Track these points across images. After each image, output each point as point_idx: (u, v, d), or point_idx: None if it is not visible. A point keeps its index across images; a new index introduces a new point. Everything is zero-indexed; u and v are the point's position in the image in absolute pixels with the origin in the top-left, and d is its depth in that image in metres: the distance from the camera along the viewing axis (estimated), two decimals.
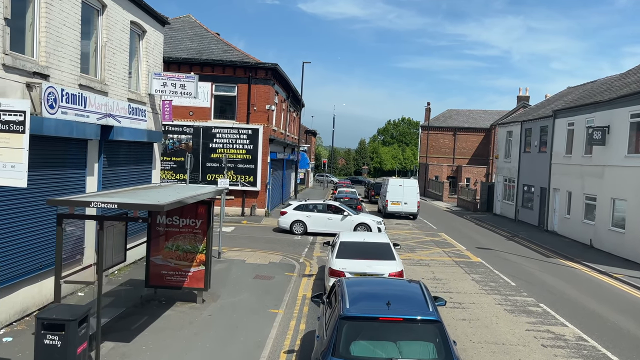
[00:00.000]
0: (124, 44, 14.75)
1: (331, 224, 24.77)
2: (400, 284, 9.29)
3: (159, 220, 12.55)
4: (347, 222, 24.73)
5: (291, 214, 25.43)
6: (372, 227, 24.58)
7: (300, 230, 25.09)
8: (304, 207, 25.71)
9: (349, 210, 25.45)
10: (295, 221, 25.16)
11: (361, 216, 25.45)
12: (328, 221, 24.92)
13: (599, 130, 24.02)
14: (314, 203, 26.16)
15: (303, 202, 26.24)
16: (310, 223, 25.04)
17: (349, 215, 24.95)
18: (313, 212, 25.35)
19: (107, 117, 13.15)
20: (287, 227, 25.22)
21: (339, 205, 26.01)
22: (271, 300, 13.57)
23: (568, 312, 14.08)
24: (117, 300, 12.36)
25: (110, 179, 14.22)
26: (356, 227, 24.58)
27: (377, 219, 25.54)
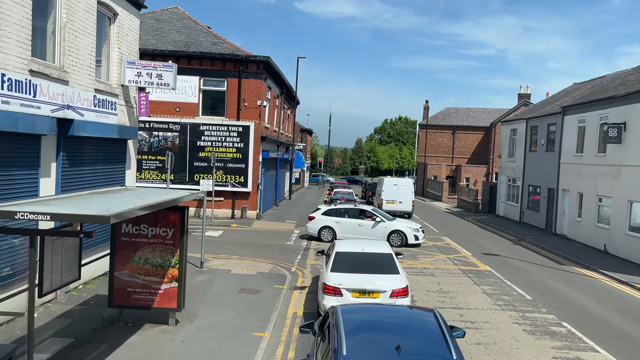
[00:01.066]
0: (89, 26, 12.93)
1: (362, 231, 22.66)
2: (411, 315, 7.50)
3: (124, 229, 10.74)
4: (379, 229, 22.69)
5: (319, 220, 23.37)
6: (408, 235, 22.59)
7: (329, 237, 22.93)
8: (333, 211, 23.67)
9: (382, 216, 23.28)
10: (323, 227, 23.12)
11: (396, 222, 23.21)
12: (359, 228, 22.79)
13: (615, 127, 22.31)
14: (345, 207, 24.19)
15: (333, 207, 24.30)
16: (340, 229, 22.92)
17: (382, 222, 22.85)
18: (343, 217, 23.27)
19: (65, 109, 11.33)
20: (314, 233, 23.22)
21: (372, 210, 23.82)
22: (257, 320, 11.78)
23: (596, 332, 12.33)
24: (73, 324, 10.56)
25: (72, 180, 12.40)
26: (390, 234, 22.51)
27: (413, 225, 23.35)
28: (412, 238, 22.55)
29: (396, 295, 11.31)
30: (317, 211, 24.01)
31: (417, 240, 22.64)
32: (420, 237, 22.76)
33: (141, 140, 28.19)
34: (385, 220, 22.92)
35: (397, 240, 22.48)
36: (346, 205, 25.49)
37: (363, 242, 14.17)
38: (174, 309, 10.87)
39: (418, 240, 22.67)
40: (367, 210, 23.63)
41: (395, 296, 11.32)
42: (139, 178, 28.05)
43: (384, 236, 22.28)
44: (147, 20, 31.85)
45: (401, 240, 22.55)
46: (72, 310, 11.36)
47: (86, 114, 12.30)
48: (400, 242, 22.47)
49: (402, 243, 22.46)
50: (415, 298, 14.20)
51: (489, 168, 58.71)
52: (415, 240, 22.62)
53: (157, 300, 10.83)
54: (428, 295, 14.82)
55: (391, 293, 11.31)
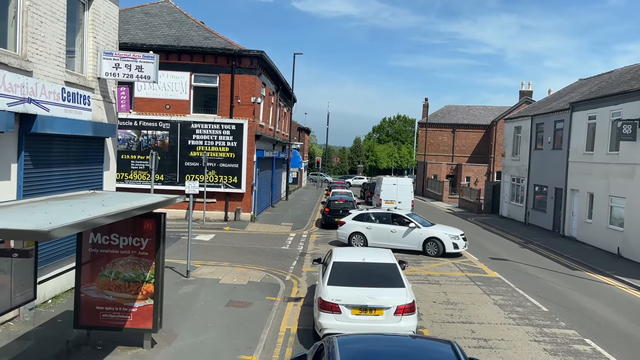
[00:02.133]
0: (58, 10, 11.59)
1: (394, 238, 20.86)
2: (424, 351, 6.17)
3: (92, 239, 9.42)
4: (413, 236, 20.74)
5: (350, 225, 21.72)
6: (446, 243, 20.42)
7: (359, 244, 21.26)
8: (364, 216, 21.98)
9: (417, 221, 21.25)
10: (353, 233, 21.44)
11: (432, 229, 20.98)
12: (391, 234, 20.98)
13: (629, 124, 21.02)
14: (376, 212, 22.43)
15: (364, 211, 22.60)
16: (371, 236, 21.22)
17: (416, 227, 20.86)
18: (374, 222, 21.56)
19: (25, 103, 9.99)
20: (345, 240, 21.56)
21: (406, 215, 21.75)
22: (244, 340, 10.47)
23: (624, 351, 11.06)
24: (33, 348, 9.24)
25: (38, 184, 11.07)
26: (426, 242, 20.56)
27: (453, 232, 21.13)
28: (451, 246, 20.37)
29: (401, 312, 10.02)
30: (348, 216, 22.43)
31: (456, 249, 20.43)
32: (460, 245, 20.60)
33: (129, 139, 26.88)
34: (421, 226, 20.92)
35: (433, 249, 20.45)
36: (378, 209, 23.51)
37: (364, 251, 12.89)
38: (150, 330, 9.55)
39: (458, 248, 20.45)
40: (401, 215, 21.67)
41: (401, 313, 10.02)
42: (127, 179, 26.77)
43: (418, 244, 20.54)
44: (137, 13, 30.54)
45: (437, 249, 20.39)
46: (35, 331, 10.03)
47: (53, 109, 10.97)
48: (436, 251, 20.39)
49: (438, 252, 20.38)
50: (421, 311, 12.90)
51: (490, 167, 57.46)
52: (455, 249, 20.41)
53: (130, 320, 9.50)
54: (434, 308, 13.52)
55: (396, 310, 10.01)
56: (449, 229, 21.54)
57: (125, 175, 26.73)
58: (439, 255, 20.15)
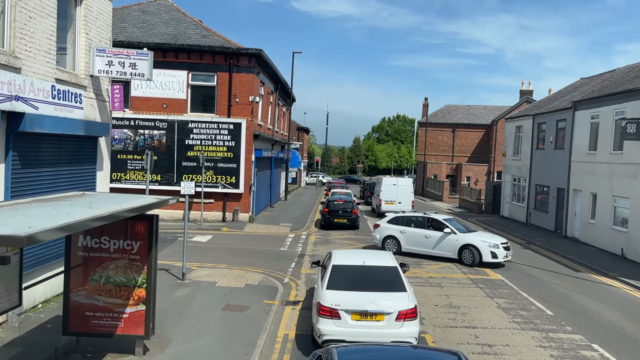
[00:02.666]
0: (49, 6, 11.22)
1: (429, 244, 19.65)
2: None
3: (82, 242, 9.05)
4: (448, 243, 19.28)
5: (384, 228, 20.70)
6: (483, 251, 18.62)
7: (393, 248, 20.10)
8: (399, 220, 20.74)
9: (453, 227, 19.65)
10: (387, 237, 20.44)
11: (469, 236, 19.32)
12: (425, 240, 19.72)
13: (633, 123, 20.64)
14: (412, 215, 21.03)
15: (400, 214, 21.35)
16: (404, 240, 20.15)
17: (451, 234, 19.31)
18: (409, 226, 20.32)
19: (12, 101, 9.63)
20: (379, 243, 20.55)
21: (442, 219, 20.10)
22: (241, 346, 10.11)
23: (633, 357, 10.70)
24: (20, 356, 8.86)
25: (27, 184, 10.71)
26: (461, 249, 18.98)
27: (492, 239, 19.31)
28: (488, 255, 18.56)
29: (403, 318, 9.66)
30: (383, 219, 21.36)
31: (495, 259, 18.61)
32: (500, 254, 18.70)
33: (126, 138, 26.52)
34: (457, 232, 19.35)
35: (469, 258, 18.80)
36: (414, 212, 21.94)
37: (364, 253, 12.52)
38: (141, 337, 9.18)
39: (497, 258, 18.60)
40: (437, 220, 20.11)
41: (402, 318, 9.66)
42: (124, 179, 26.41)
43: (454, 251, 19.09)
44: (134, 11, 30.18)
45: (473, 257, 18.67)
46: (22, 337, 9.65)
47: (42, 107, 10.60)
48: (472, 260, 18.73)
49: (474, 261, 18.69)
50: (423, 315, 12.53)
51: (491, 167, 57.12)
52: (493, 259, 18.60)
53: (121, 326, 9.14)
54: (437, 312, 13.16)
55: (397, 315, 9.65)
56: (488, 237, 19.87)
57: (121, 176, 26.37)
58: (476, 265, 18.58)
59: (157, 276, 9.93)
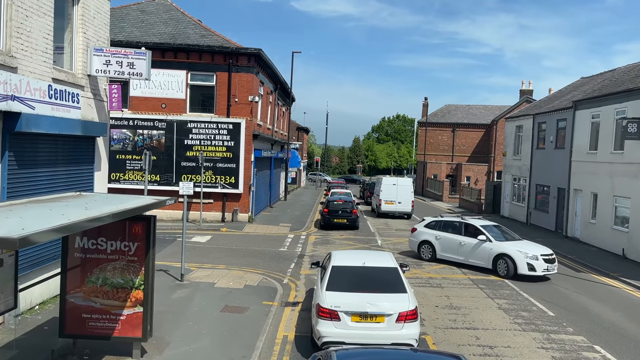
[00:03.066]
0: (45, 5, 11.11)
1: (463, 251, 18.27)
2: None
3: (79, 244, 8.95)
4: (482, 251, 17.69)
5: (420, 233, 19.67)
6: (518, 262, 16.81)
7: (428, 255, 19.23)
8: (436, 224, 19.55)
9: (489, 234, 17.89)
10: (422, 242, 19.43)
11: (505, 244, 17.46)
12: (460, 247, 18.34)
13: (635, 122, 20.56)
14: (448, 220, 19.63)
15: (437, 218, 20.13)
16: (439, 246, 18.99)
17: (486, 241, 17.67)
18: (445, 231, 19.03)
19: (8, 100, 9.52)
20: (414, 249, 19.76)
21: (479, 225, 18.40)
22: (239, 348, 10.01)
23: (634, 358, 10.60)
24: (16, 358, 8.76)
25: (23, 184, 10.60)
26: (496, 259, 17.33)
27: (531, 250, 17.25)
28: (524, 267, 16.68)
29: (403, 320, 9.56)
30: (421, 222, 20.29)
31: (532, 272, 16.65)
32: (539, 267, 16.67)
33: (124, 138, 26.41)
34: (492, 240, 17.61)
35: (503, 269, 17.10)
36: (451, 217, 20.38)
37: (364, 254, 12.44)
38: (139, 339, 9.08)
39: (535, 271, 16.63)
40: (473, 226, 18.50)
41: (403, 320, 9.56)
42: (122, 179, 26.31)
43: (488, 260, 17.52)
44: (132, 11, 30.08)
45: (507, 269, 16.92)
46: (18, 340, 9.55)
47: (38, 107, 10.50)
48: (506, 272, 16.99)
49: (508, 273, 16.91)
50: (423, 316, 12.44)
51: (491, 166, 57.02)
52: (530, 271, 16.64)
53: (119, 329, 9.04)
54: (437, 313, 13.06)
55: (397, 317, 9.55)
56: (529, 246, 17.63)
57: (120, 176, 26.27)
58: (510, 277, 16.83)
59: (156, 277, 9.85)
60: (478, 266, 17.88)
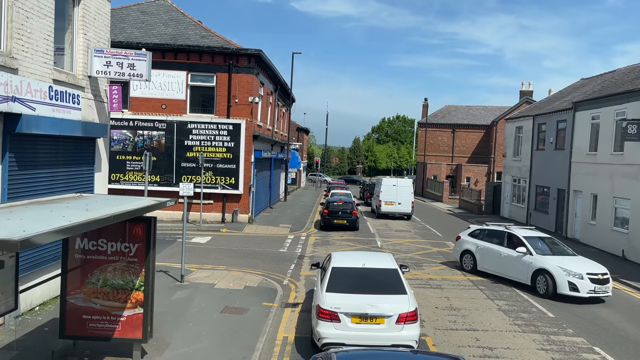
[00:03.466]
0: (46, 6, 11.13)
1: (502, 264, 16.59)
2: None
3: (79, 245, 8.97)
4: (520, 265, 15.89)
5: (463, 242, 18.30)
6: (558, 280, 14.73)
7: (469, 265, 17.78)
8: (479, 233, 18.07)
9: (530, 246, 15.94)
10: (464, 252, 18.06)
11: (545, 259, 15.40)
12: (500, 259, 16.68)
13: (634, 124, 20.59)
14: (492, 229, 17.81)
15: (482, 226, 18.53)
16: (480, 257, 17.45)
17: (526, 254, 15.78)
18: (487, 241, 17.42)
19: (9, 102, 9.54)
20: (457, 258, 18.56)
21: (522, 236, 16.49)
22: (239, 349, 10.02)
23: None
24: (16, 359, 8.77)
25: (23, 186, 10.62)
26: (535, 275, 15.39)
27: (576, 268, 14.89)
28: (565, 286, 14.61)
29: (403, 321, 9.57)
30: (465, 230, 18.94)
31: (575, 292, 14.54)
32: (583, 287, 14.55)
33: (125, 139, 26.43)
34: (533, 253, 15.67)
35: (542, 287, 15.12)
36: (496, 225, 18.26)
37: (364, 255, 12.45)
38: (139, 340, 9.09)
39: (578, 292, 14.49)
40: (515, 236, 16.69)
41: (403, 322, 9.57)
42: (123, 180, 26.32)
43: (527, 276, 15.64)
44: (133, 12, 30.11)
45: (547, 287, 14.92)
46: (19, 340, 9.57)
47: (39, 108, 10.52)
48: (545, 290, 15.02)
49: (547, 291, 14.93)
50: (423, 317, 12.45)
51: (491, 167, 57.06)
52: (572, 292, 14.55)
53: (119, 330, 9.05)
54: (437, 314, 13.07)
55: (397, 318, 9.56)
56: (576, 263, 15.33)
57: (120, 177, 26.28)
58: (549, 297, 14.81)
59: (156, 278, 9.86)
60: (518, 282, 16.13)
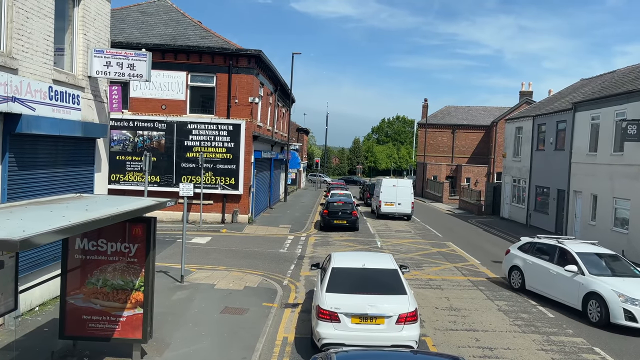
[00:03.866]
0: (46, 6, 11.13)
1: (552, 284, 14.42)
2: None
3: (79, 245, 8.96)
4: (571, 286, 13.67)
5: (511, 256, 16.32)
6: (611, 306, 12.36)
7: (517, 283, 15.73)
8: (530, 247, 15.97)
9: (583, 263, 13.70)
10: (513, 268, 16.07)
11: (599, 280, 13.03)
12: (549, 277, 14.53)
13: (634, 124, 20.58)
14: (545, 242, 15.62)
15: (533, 239, 16.27)
16: (528, 275, 15.37)
17: (577, 274, 13.58)
18: (537, 256, 15.32)
19: (8, 102, 9.54)
20: (505, 273, 16.54)
21: (575, 252, 14.18)
22: (239, 350, 10.02)
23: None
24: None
25: (23, 186, 10.61)
26: (586, 298, 13.13)
27: (633, 291, 12.44)
28: (620, 314, 12.24)
29: (403, 321, 9.56)
30: (515, 243, 17.10)
31: (632, 322, 12.12)
32: None
33: (125, 140, 26.43)
34: (585, 273, 13.42)
35: (595, 313, 12.80)
36: (547, 238, 15.93)
37: (364, 256, 12.45)
38: (139, 340, 9.08)
39: (636, 322, 12.06)
40: (569, 252, 14.35)
41: (403, 322, 9.56)
42: (123, 181, 26.32)
43: (577, 299, 13.43)
44: (132, 12, 30.10)
45: (600, 313, 12.66)
46: (19, 341, 9.57)
47: (39, 108, 10.51)
48: (598, 317, 12.68)
49: (600, 319, 12.61)
50: (423, 317, 12.45)
51: (490, 168, 57.07)
52: (628, 321, 12.16)
53: (119, 330, 9.04)
54: (437, 314, 13.07)
55: (397, 318, 9.55)
56: (628, 284, 12.85)
57: (120, 177, 26.28)
58: (601, 326, 12.54)
59: (156, 278, 9.86)
60: (566, 304, 13.95)
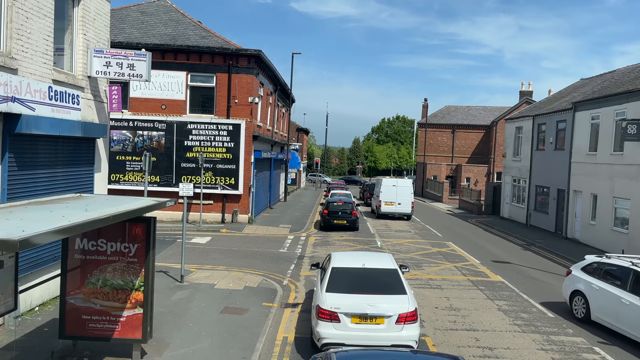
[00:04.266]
0: (46, 7, 11.13)
1: (624, 316, 11.62)
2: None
3: (79, 245, 8.95)
4: None
5: (573, 278, 13.65)
6: None
7: (581, 312, 13.04)
8: (597, 268, 13.09)
9: None
10: (575, 292, 13.42)
11: None
12: (620, 307, 11.72)
13: (634, 124, 20.58)
14: (613, 264, 12.62)
15: (601, 258, 13.31)
16: (595, 303, 12.60)
17: None
18: (605, 281, 12.55)
19: (8, 102, 9.53)
20: (566, 298, 13.85)
21: None
22: (239, 350, 10.01)
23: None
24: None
25: (23, 186, 10.61)
26: None
27: None
28: None
29: (403, 321, 9.56)
30: (578, 263, 14.13)
31: None
32: None
33: (124, 139, 26.42)
34: None
35: None
36: (618, 259, 12.87)
37: (364, 255, 12.42)
38: (139, 340, 9.08)
39: None
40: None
41: (402, 322, 9.56)
42: (122, 180, 26.32)
43: None
44: (132, 12, 30.10)
45: None
46: (18, 341, 9.56)
47: (39, 108, 10.51)
48: None
49: None
50: (423, 317, 12.45)
51: (490, 167, 57.06)
52: None
53: (119, 330, 9.04)
54: (437, 314, 13.07)
55: (397, 318, 9.55)
56: None
57: (120, 177, 26.28)
58: None
59: (156, 278, 9.86)
60: None
